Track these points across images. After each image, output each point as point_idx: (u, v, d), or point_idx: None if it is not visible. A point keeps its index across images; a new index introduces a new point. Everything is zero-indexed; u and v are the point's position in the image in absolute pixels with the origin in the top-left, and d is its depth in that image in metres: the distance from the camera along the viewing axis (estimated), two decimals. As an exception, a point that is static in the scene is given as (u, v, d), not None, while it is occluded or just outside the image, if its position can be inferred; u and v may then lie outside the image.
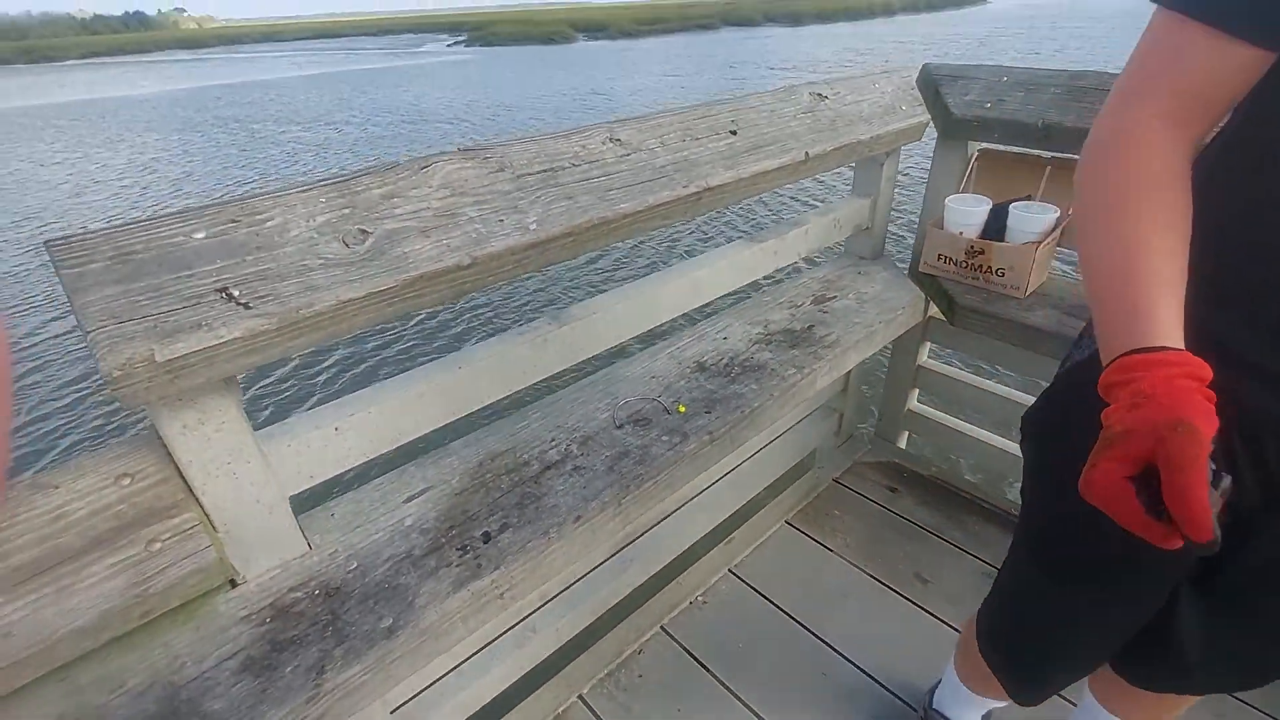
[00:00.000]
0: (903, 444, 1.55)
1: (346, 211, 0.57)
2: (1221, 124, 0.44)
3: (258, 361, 0.51)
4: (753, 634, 1.15)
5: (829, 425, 1.46)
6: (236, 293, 0.49)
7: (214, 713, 0.51)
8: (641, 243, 4.75)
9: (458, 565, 0.64)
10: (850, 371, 1.35)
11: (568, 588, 1.04)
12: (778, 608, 1.20)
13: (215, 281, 0.49)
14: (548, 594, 1.02)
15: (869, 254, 1.28)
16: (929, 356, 1.42)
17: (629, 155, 0.76)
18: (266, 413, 3.26)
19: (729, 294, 1.05)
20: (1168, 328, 0.38)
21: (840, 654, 1.11)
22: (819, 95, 1.01)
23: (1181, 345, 0.37)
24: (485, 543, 0.67)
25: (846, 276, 1.22)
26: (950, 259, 1.13)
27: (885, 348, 1.27)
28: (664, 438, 0.81)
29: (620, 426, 0.83)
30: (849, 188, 1.26)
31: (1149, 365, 0.36)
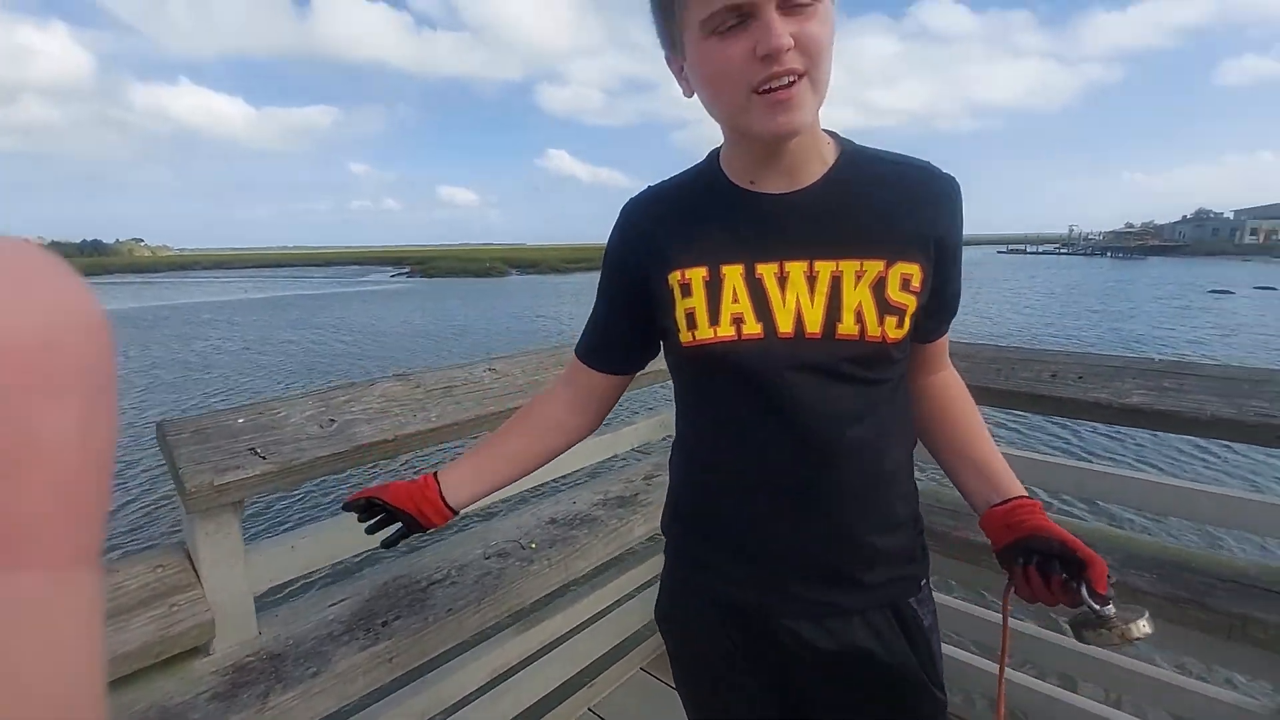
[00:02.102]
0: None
1: (323, 409, 1.01)
2: None
3: (266, 491, 0.89)
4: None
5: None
6: (260, 451, 0.90)
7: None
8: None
9: (362, 638, 0.97)
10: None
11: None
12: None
13: (248, 444, 0.90)
14: None
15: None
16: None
17: (500, 378, 1.26)
18: (250, 531, 3.78)
19: (583, 469, 1.49)
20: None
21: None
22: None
23: None
24: (383, 626, 1.00)
25: (671, 461, 1.70)
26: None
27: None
28: (517, 564, 1.19)
29: (488, 558, 1.21)
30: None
31: None
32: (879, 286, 0.69)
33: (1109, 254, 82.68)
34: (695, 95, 0.69)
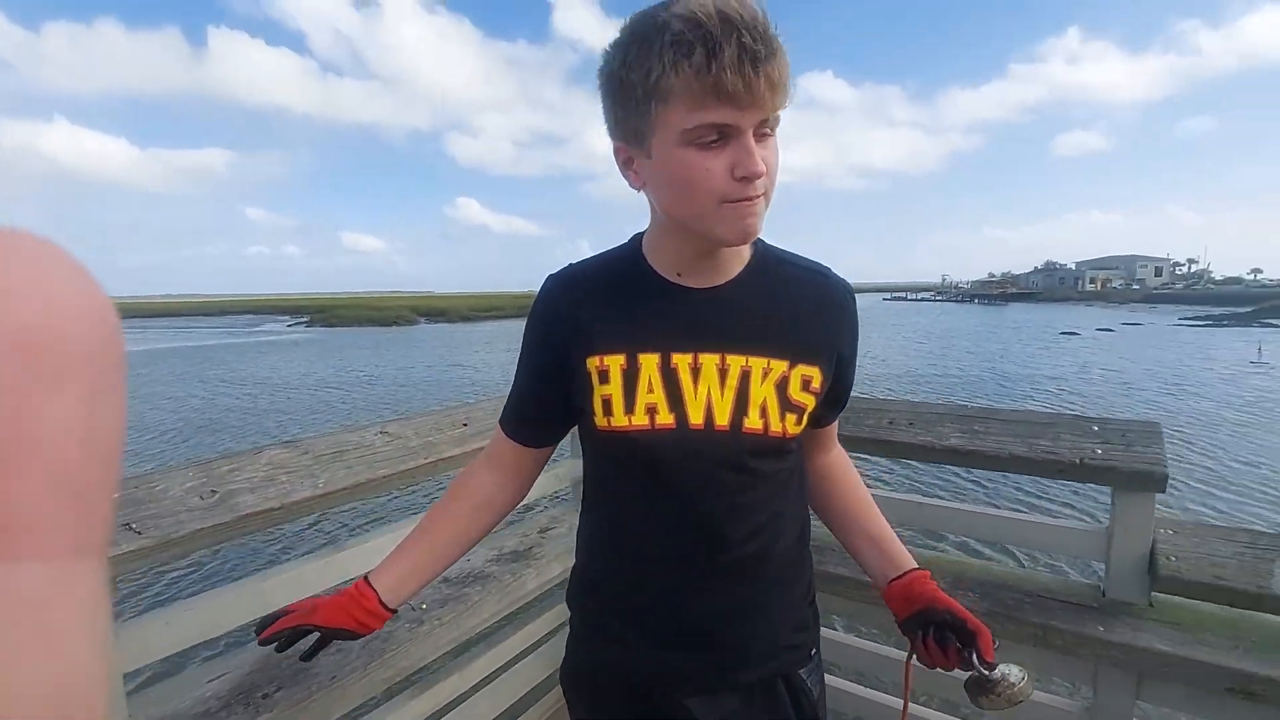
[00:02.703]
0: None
1: (205, 479, 1.01)
2: None
3: (143, 568, 0.89)
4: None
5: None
6: (134, 526, 0.89)
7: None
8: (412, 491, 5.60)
9: (241, 713, 0.96)
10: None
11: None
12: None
13: (123, 520, 0.89)
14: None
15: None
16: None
17: (392, 441, 1.29)
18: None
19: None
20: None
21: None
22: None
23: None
24: (264, 699, 0.99)
25: (566, 513, 1.76)
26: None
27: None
28: (406, 626, 1.20)
29: (379, 621, 1.21)
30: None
31: None
32: (782, 385, 0.74)
33: (976, 300, 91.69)
34: (645, 188, 0.72)
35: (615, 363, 0.73)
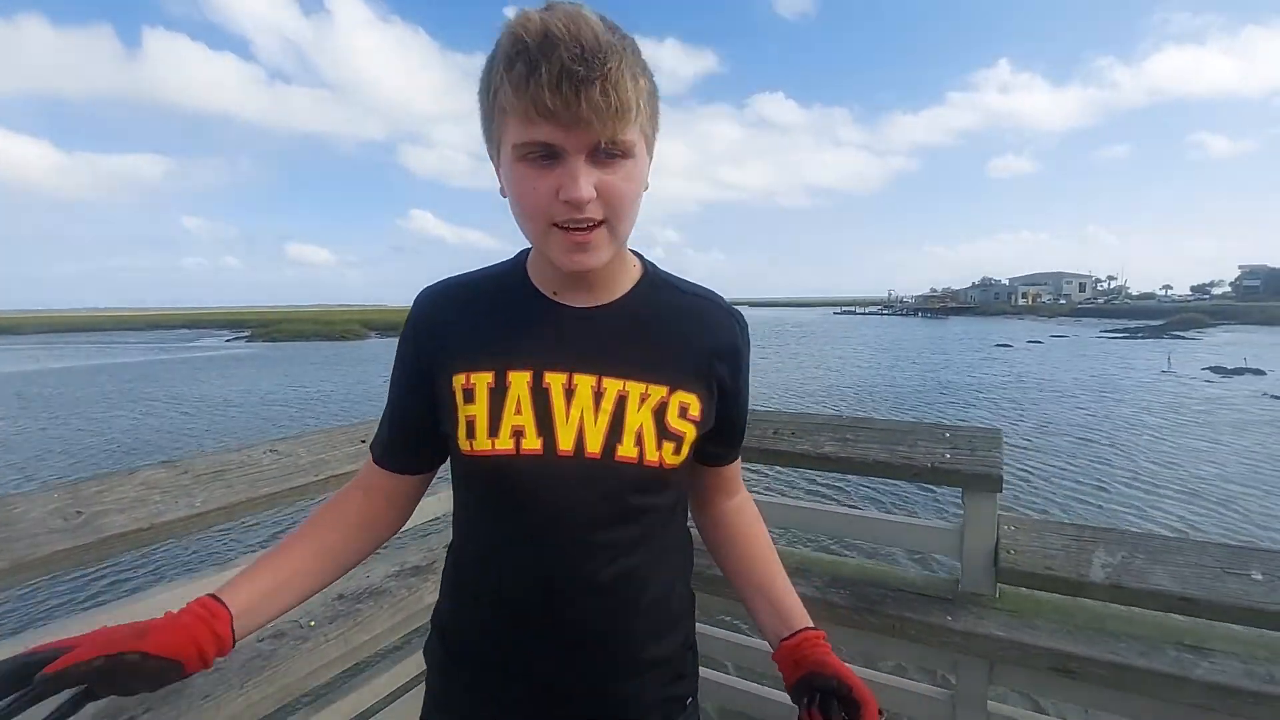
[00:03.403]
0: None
1: (70, 500, 1.01)
2: None
3: (-9, 589, 0.88)
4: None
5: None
6: (-15, 549, 0.89)
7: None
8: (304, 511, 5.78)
9: (103, 736, 0.95)
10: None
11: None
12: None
13: (-28, 544, 0.89)
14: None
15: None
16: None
17: (280, 459, 1.30)
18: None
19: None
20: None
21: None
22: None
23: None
24: (129, 720, 0.99)
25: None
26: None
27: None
28: (291, 643, 1.21)
29: (261, 640, 1.22)
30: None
31: None
32: (660, 412, 0.70)
33: (920, 314, 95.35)
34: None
35: (482, 380, 0.69)
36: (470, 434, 0.69)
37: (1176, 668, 1.08)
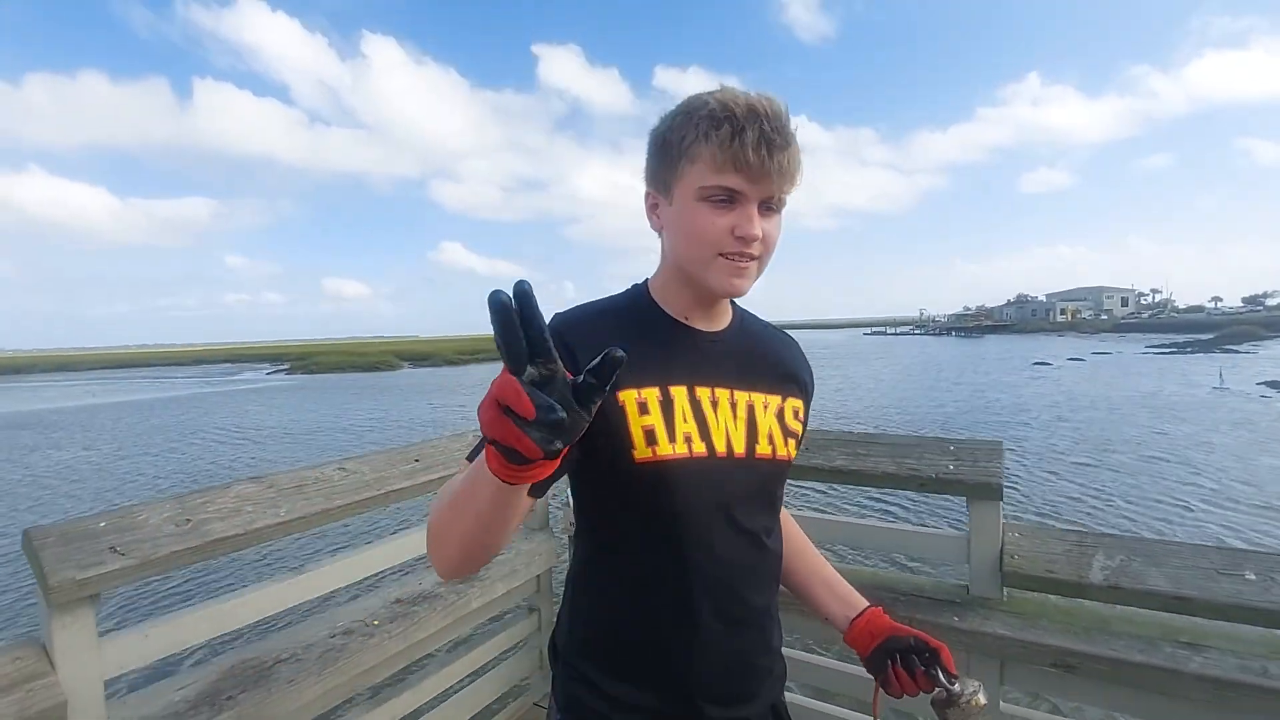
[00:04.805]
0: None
1: (179, 510, 1.19)
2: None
3: (125, 583, 1.05)
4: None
5: (531, 660, 2.00)
6: (119, 548, 1.07)
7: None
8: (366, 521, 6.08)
9: (206, 712, 1.11)
10: (539, 610, 1.97)
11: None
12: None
13: (109, 544, 1.06)
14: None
15: (533, 523, 2.02)
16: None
17: (349, 476, 1.47)
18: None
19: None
20: None
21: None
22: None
23: None
24: (227, 700, 1.15)
25: (514, 537, 1.93)
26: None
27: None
28: (360, 639, 1.36)
29: (333, 636, 1.37)
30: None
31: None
32: (780, 415, 0.85)
33: (954, 333, 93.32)
34: (663, 231, 0.82)
35: (652, 395, 0.77)
36: (651, 441, 0.76)
37: (1172, 663, 1.16)
